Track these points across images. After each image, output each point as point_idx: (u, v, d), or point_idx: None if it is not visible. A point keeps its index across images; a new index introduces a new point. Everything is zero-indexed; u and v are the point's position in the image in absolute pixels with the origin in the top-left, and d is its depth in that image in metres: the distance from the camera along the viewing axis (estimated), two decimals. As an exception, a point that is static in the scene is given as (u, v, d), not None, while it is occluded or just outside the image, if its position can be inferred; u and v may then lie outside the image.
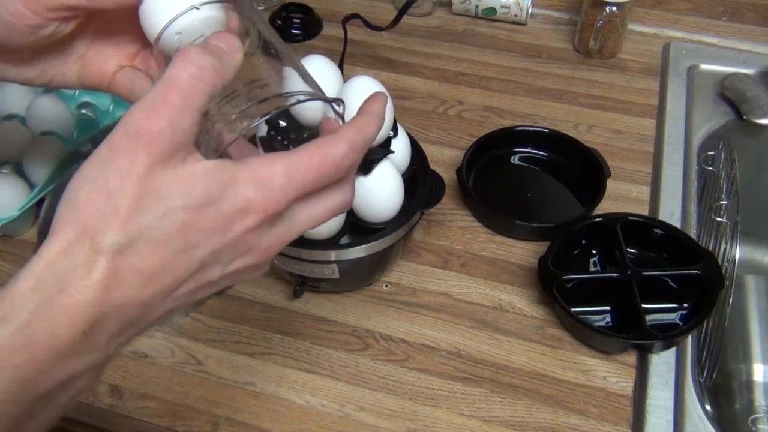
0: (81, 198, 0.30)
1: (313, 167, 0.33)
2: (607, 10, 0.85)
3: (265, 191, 0.32)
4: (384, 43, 0.93)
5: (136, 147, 0.30)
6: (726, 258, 0.68)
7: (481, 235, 0.69)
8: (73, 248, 0.30)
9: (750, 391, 0.77)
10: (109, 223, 0.30)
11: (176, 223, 0.31)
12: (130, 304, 0.30)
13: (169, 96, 0.31)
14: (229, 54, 0.34)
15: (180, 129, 0.31)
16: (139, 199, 0.30)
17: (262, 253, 0.34)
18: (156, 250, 0.30)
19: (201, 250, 0.32)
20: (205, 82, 0.32)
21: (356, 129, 0.36)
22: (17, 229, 0.69)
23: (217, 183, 0.31)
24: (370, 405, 0.56)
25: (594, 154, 0.73)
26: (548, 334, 0.61)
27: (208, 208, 0.31)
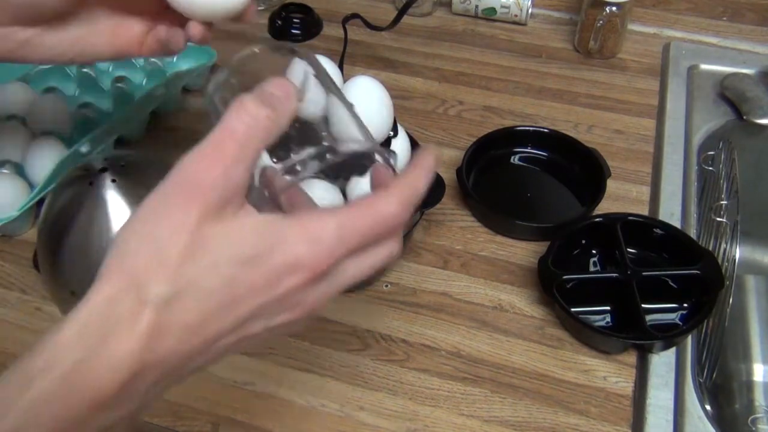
0: (130, 247, 0.30)
1: (364, 225, 0.33)
2: (607, 10, 0.85)
3: (315, 249, 0.31)
4: (384, 43, 0.93)
5: (189, 198, 0.30)
6: (726, 258, 0.68)
7: (481, 235, 0.69)
8: (119, 297, 0.30)
9: (750, 391, 0.77)
10: (156, 274, 0.29)
11: (223, 277, 0.30)
12: (171, 355, 0.30)
13: (224, 147, 0.31)
14: (284, 102, 0.33)
15: (233, 180, 0.31)
16: (188, 252, 0.30)
17: (308, 308, 0.33)
18: (201, 303, 0.30)
19: (246, 305, 0.31)
20: (260, 131, 0.32)
21: (408, 185, 0.35)
22: (17, 229, 0.69)
23: (266, 239, 0.31)
24: (370, 405, 0.56)
25: (594, 154, 0.73)
26: (548, 334, 0.61)
27: (256, 263, 0.31)
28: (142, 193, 0.57)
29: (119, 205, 0.56)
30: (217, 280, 0.30)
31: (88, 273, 0.57)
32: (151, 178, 0.60)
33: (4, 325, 0.62)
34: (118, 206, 0.56)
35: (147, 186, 0.58)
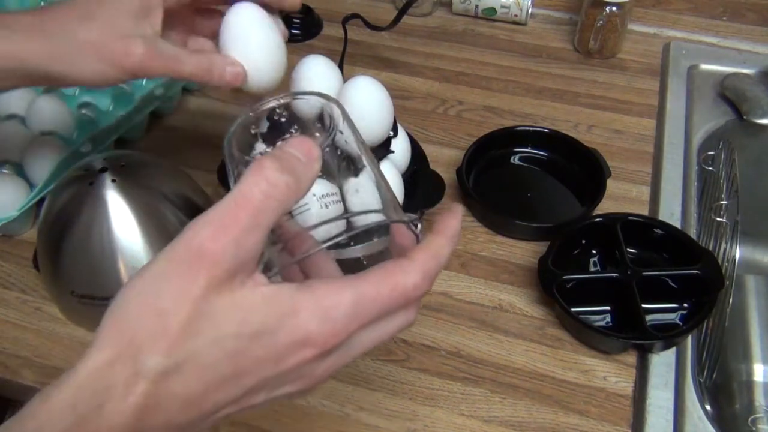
0: (130, 312, 0.29)
1: (381, 298, 0.31)
2: (607, 10, 0.85)
3: (328, 324, 0.30)
4: (384, 43, 0.93)
5: (197, 267, 0.29)
6: (726, 258, 0.68)
7: (481, 235, 0.69)
8: (114, 365, 0.28)
9: (750, 391, 0.77)
10: (156, 343, 0.28)
11: (227, 350, 0.29)
12: (163, 428, 0.29)
13: (239, 214, 0.29)
14: (306, 167, 0.32)
15: (245, 249, 0.29)
16: (192, 322, 0.28)
17: (314, 380, 0.32)
18: (201, 376, 0.29)
19: (249, 379, 0.30)
20: (277, 200, 0.30)
21: (431, 254, 0.33)
22: (17, 229, 0.69)
23: (275, 312, 0.30)
24: (370, 405, 0.56)
25: (594, 154, 0.73)
26: (548, 334, 0.61)
27: (263, 338, 0.29)
28: (142, 193, 0.56)
29: (119, 205, 0.56)
30: (221, 353, 0.29)
31: (88, 273, 0.56)
32: (151, 178, 0.60)
33: (4, 325, 0.62)
34: (118, 206, 0.56)
35: (147, 186, 0.58)
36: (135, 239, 0.56)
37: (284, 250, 0.34)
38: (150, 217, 0.57)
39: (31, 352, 0.60)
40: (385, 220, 0.35)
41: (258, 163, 0.31)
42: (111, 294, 0.51)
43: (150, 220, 0.57)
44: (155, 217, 0.58)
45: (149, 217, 0.57)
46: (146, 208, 0.57)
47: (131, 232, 0.56)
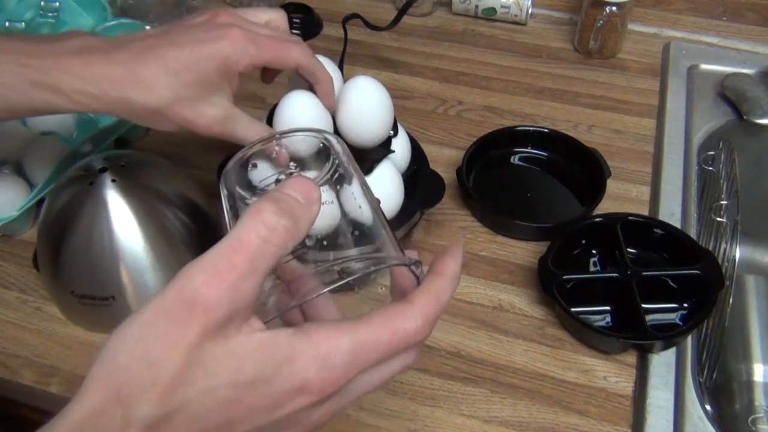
0: (119, 361, 0.28)
1: (381, 344, 0.30)
2: (607, 10, 0.85)
3: (326, 371, 0.29)
4: (384, 43, 0.93)
5: (191, 316, 0.28)
6: (726, 258, 0.68)
7: (481, 235, 0.69)
8: (103, 414, 0.28)
9: (750, 391, 0.77)
10: (146, 392, 0.27)
11: (220, 399, 0.28)
12: None
13: (235, 259, 0.28)
14: (306, 210, 0.31)
15: (240, 295, 0.29)
16: (184, 371, 0.28)
17: (310, 425, 0.31)
18: (192, 425, 0.28)
19: (243, 426, 0.29)
20: (275, 245, 0.29)
21: (432, 297, 0.32)
22: (17, 229, 0.69)
23: (271, 359, 0.29)
24: (370, 405, 0.56)
25: (594, 154, 0.73)
26: (548, 334, 0.61)
27: (259, 386, 0.29)
28: (142, 192, 0.56)
29: (119, 205, 0.56)
30: (214, 403, 0.28)
31: (88, 273, 0.55)
32: (151, 178, 0.60)
33: (4, 325, 0.62)
34: (118, 206, 0.56)
35: (147, 186, 0.57)
36: (135, 239, 0.56)
37: (283, 293, 0.33)
38: (150, 217, 0.57)
39: (31, 352, 0.60)
40: (385, 264, 0.34)
41: (256, 207, 0.30)
42: (111, 294, 0.50)
43: (150, 220, 0.57)
44: (155, 217, 0.58)
45: (149, 217, 0.57)
46: (146, 208, 0.57)
47: (131, 232, 0.56)
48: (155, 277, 0.57)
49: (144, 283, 0.57)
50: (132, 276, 0.57)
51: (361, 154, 0.58)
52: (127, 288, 0.57)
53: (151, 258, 0.57)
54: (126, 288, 0.57)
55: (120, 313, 0.54)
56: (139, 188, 0.57)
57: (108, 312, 0.58)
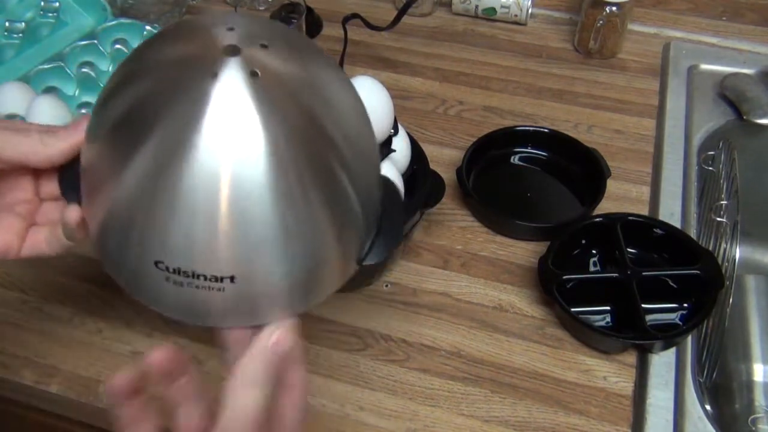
0: None
1: None
2: (607, 10, 0.85)
3: None
4: (384, 43, 0.93)
5: None
6: (726, 258, 0.68)
7: (481, 235, 0.69)
8: None
9: (750, 391, 0.77)
10: None
11: None
12: None
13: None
14: None
15: None
16: None
17: None
18: None
19: None
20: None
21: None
22: (17, 229, 0.68)
23: None
24: (370, 405, 0.56)
25: (594, 154, 0.73)
26: (548, 334, 0.61)
27: None
28: (305, 107, 0.34)
29: (264, 124, 0.33)
30: None
31: (196, 237, 0.34)
32: (319, 76, 0.37)
33: (4, 325, 0.62)
34: (259, 127, 0.33)
35: (313, 91, 0.36)
36: (283, 190, 0.34)
37: None
38: (314, 157, 0.35)
39: (31, 352, 0.60)
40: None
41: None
42: (231, 274, 0.34)
43: (313, 164, 0.34)
44: (321, 159, 0.35)
45: (312, 157, 0.34)
46: (310, 138, 0.34)
47: (280, 176, 0.33)
48: (285, 257, 0.35)
49: (269, 263, 0.35)
50: (264, 249, 0.35)
51: (361, 154, 0.58)
52: (255, 266, 0.35)
53: (301, 224, 0.35)
54: (253, 265, 0.35)
55: (236, 303, 0.36)
56: (303, 96, 0.35)
57: (216, 299, 0.36)
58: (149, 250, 0.35)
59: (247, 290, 0.36)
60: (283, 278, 0.36)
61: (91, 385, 0.58)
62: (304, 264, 0.36)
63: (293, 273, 0.36)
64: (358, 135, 0.38)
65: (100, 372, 0.58)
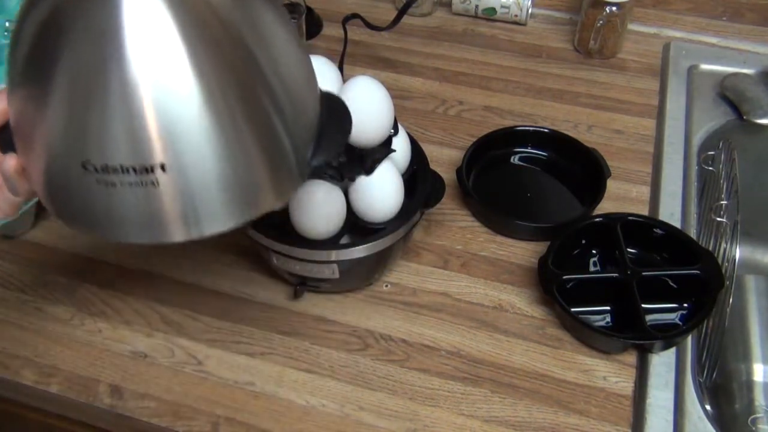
0: None
1: None
2: (607, 10, 0.85)
3: None
4: (384, 43, 0.93)
5: None
6: (726, 258, 0.68)
7: (481, 235, 0.69)
8: None
9: (750, 391, 0.77)
10: None
11: None
12: None
13: None
14: None
15: None
16: None
17: None
18: None
19: None
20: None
21: None
22: (17, 229, 0.69)
23: None
24: (370, 405, 0.56)
25: (594, 154, 0.73)
26: (548, 334, 0.61)
27: None
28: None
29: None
30: None
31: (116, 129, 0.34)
32: None
33: (4, 325, 0.62)
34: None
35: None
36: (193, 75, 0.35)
37: None
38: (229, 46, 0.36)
39: (31, 352, 0.60)
40: None
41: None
42: (160, 161, 0.34)
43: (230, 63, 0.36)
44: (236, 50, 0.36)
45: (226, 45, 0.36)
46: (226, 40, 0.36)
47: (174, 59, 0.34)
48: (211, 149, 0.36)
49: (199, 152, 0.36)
50: (189, 140, 0.36)
51: (361, 153, 0.58)
52: (184, 157, 0.36)
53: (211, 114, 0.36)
54: (182, 156, 0.36)
55: (173, 203, 0.37)
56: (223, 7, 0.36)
57: (153, 198, 0.36)
58: (75, 153, 0.36)
59: (182, 185, 0.36)
60: (215, 174, 0.36)
61: (91, 385, 0.58)
62: (232, 163, 0.37)
63: (223, 171, 0.37)
64: (286, 52, 0.40)
65: (100, 372, 0.58)
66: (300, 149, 0.41)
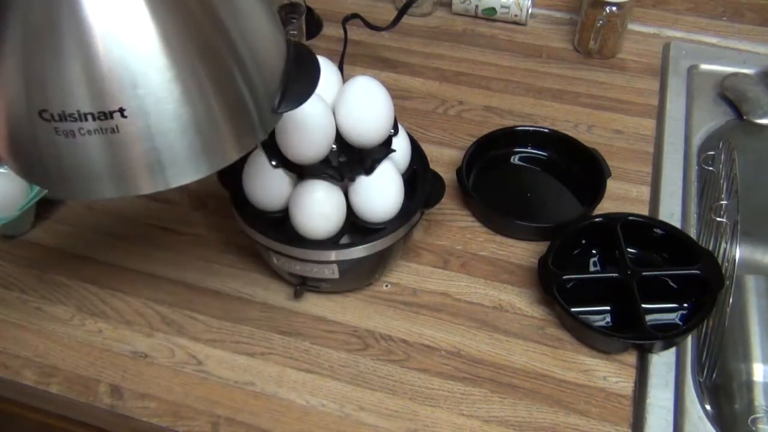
0: None
1: None
2: (607, 10, 0.85)
3: None
4: (384, 43, 0.93)
5: None
6: (726, 258, 0.68)
7: (481, 235, 0.69)
8: None
9: (750, 391, 0.77)
10: None
11: None
12: None
13: None
14: None
15: None
16: None
17: None
18: None
19: None
20: None
21: None
22: (17, 229, 0.69)
23: None
24: (370, 405, 0.56)
25: (594, 154, 0.73)
26: (548, 334, 0.61)
27: None
28: None
29: None
30: None
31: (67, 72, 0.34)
32: None
33: (4, 325, 0.62)
34: None
35: None
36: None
37: None
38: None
39: (32, 352, 0.60)
40: None
41: None
42: (119, 106, 0.34)
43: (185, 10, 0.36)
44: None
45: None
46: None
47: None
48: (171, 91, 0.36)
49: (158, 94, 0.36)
50: (146, 81, 0.35)
51: (361, 153, 0.58)
52: (142, 100, 0.35)
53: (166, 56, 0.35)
54: (140, 99, 0.35)
55: (133, 146, 0.36)
56: None
57: (115, 147, 0.36)
58: (33, 103, 0.35)
59: (143, 130, 0.35)
60: (174, 119, 0.36)
61: (91, 385, 0.58)
62: (191, 108, 0.37)
63: (183, 116, 0.36)
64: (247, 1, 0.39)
65: (100, 372, 0.58)
66: (261, 99, 0.40)
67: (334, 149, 0.57)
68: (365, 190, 0.57)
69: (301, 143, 0.55)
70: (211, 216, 0.71)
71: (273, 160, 0.56)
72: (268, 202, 0.59)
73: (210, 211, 0.72)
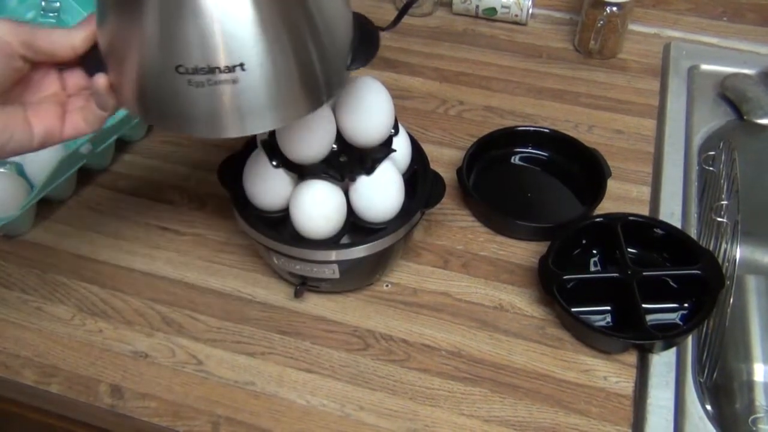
0: None
1: None
2: (607, 10, 0.85)
3: None
4: (384, 43, 0.93)
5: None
6: (726, 258, 0.68)
7: (481, 235, 0.69)
8: None
9: (750, 391, 0.77)
10: None
11: None
12: None
13: None
14: None
15: None
16: None
17: None
18: None
19: None
20: None
21: None
22: (18, 228, 0.69)
23: None
24: (371, 405, 0.56)
25: (594, 154, 0.73)
26: (548, 334, 0.61)
27: None
28: None
29: None
30: None
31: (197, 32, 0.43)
32: None
33: (4, 325, 0.62)
34: None
35: None
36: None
37: None
38: None
39: (32, 351, 0.60)
40: None
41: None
42: (240, 61, 0.42)
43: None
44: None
45: None
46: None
47: None
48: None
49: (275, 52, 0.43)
50: (263, 45, 0.43)
51: (362, 153, 0.58)
52: (260, 57, 0.43)
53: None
54: (258, 57, 0.43)
55: (253, 95, 0.44)
56: None
57: (236, 93, 0.44)
58: (170, 59, 0.42)
59: (259, 79, 0.43)
60: (272, 74, 0.44)
61: (91, 385, 0.58)
62: (297, 61, 0.44)
63: (290, 69, 0.44)
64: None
65: (100, 372, 0.58)
66: (329, 65, 0.47)
67: (335, 149, 0.57)
68: (366, 190, 0.57)
69: (302, 143, 0.55)
70: (211, 216, 0.71)
71: (273, 160, 0.56)
72: (269, 202, 0.59)
73: (210, 211, 0.72)
